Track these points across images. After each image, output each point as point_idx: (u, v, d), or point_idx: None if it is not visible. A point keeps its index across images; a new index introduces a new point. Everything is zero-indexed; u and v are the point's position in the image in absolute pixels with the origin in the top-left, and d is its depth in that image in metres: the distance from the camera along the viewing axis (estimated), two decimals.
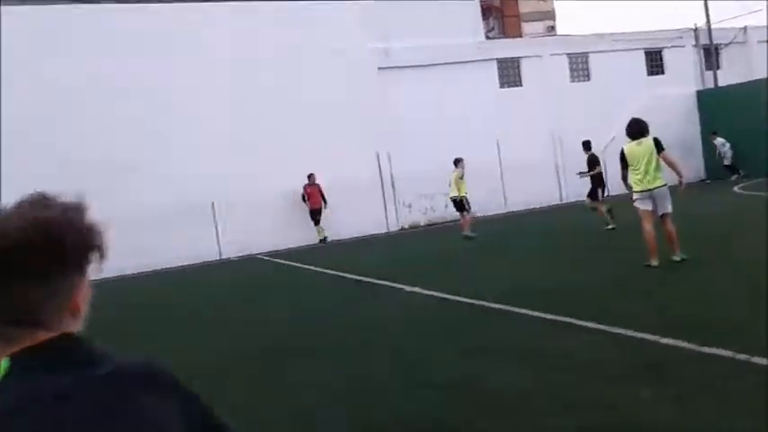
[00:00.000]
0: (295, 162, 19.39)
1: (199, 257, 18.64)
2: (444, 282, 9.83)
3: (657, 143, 8.82)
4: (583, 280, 8.82)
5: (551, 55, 24.14)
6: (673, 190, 8.99)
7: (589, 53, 24.64)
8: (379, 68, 21.48)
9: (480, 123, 21.96)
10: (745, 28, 26.69)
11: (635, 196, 8.97)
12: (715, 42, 25.93)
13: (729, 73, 25.62)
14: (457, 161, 16.22)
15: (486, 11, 28.26)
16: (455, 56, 22.37)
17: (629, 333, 5.72)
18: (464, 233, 15.78)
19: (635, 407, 4.19)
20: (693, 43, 26.14)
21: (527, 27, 41.65)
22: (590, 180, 14.55)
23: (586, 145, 14.94)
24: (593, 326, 6.13)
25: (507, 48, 24.51)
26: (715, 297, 6.75)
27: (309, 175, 19.63)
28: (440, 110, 21.55)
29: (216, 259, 18.99)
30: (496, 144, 22.54)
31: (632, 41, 25.04)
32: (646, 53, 25.44)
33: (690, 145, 24.43)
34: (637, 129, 9.02)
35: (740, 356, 4.72)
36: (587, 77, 24.69)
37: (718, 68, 26.04)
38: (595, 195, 14.43)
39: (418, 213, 21.64)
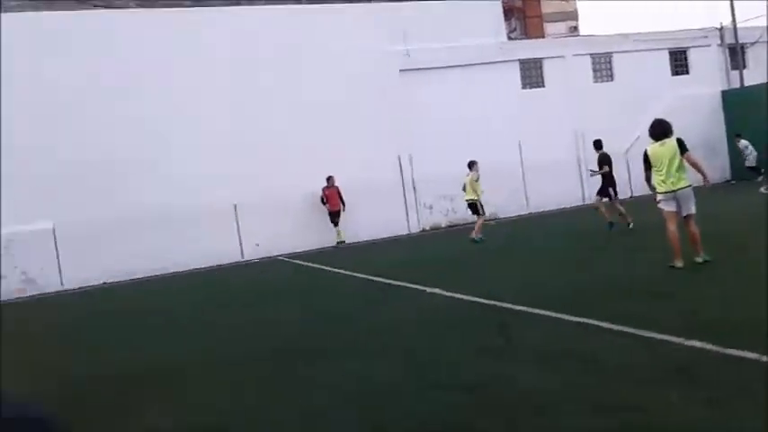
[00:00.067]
0: (317, 164, 19.43)
1: (221, 259, 18.76)
2: (465, 283, 9.78)
3: (681, 144, 8.71)
4: (606, 281, 8.73)
5: (574, 55, 23.95)
6: (697, 191, 8.87)
7: (613, 53, 24.41)
8: (400, 70, 21.47)
9: (502, 124, 21.86)
10: None
11: (658, 197, 8.87)
12: (741, 42, 25.55)
13: (755, 72, 25.21)
14: (471, 164, 16.05)
15: (508, 12, 28.10)
16: (477, 57, 22.28)
17: (653, 335, 5.64)
18: (471, 236, 15.58)
19: (661, 409, 4.13)
20: (719, 42, 25.79)
21: (549, 27, 41.39)
22: (601, 179, 14.41)
23: (597, 144, 14.78)
24: (617, 328, 6.06)
25: (530, 48, 24.35)
26: (740, 299, 6.64)
27: (328, 178, 19.66)
28: (461, 111, 21.47)
29: (238, 261, 19.09)
30: (518, 145, 22.44)
31: (656, 41, 24.76)
32: (670, 53, 25.15)
33: (714, 145, 24.12)
34: (660, 129, 8.92)
35: (766, 359, 4.63)
36: (611, 78, 24.46)
37: (743, 68, 25.69)
38: (606, 194, 14.29)
39: (439, 215, 21.58)
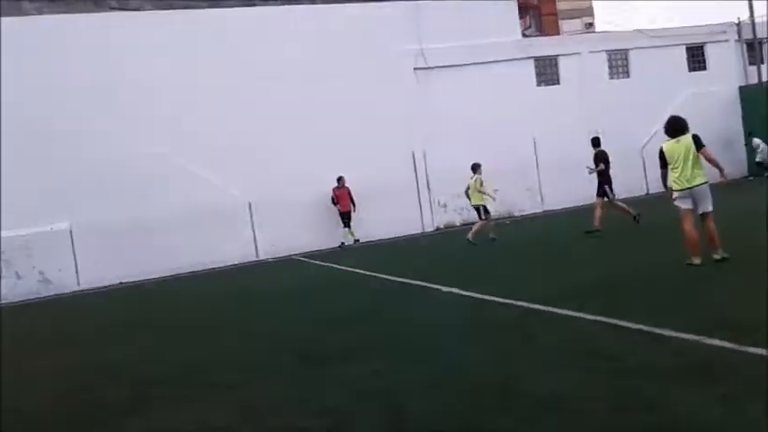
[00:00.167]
0: (331, 163, 19.47)
1: (236, 259, 18.84)
2: (481, 282, 9.75)
3: (697, 140, 8.62)
4: (624, 280, 8.66)
5: (590, 52, 23.82)
6: (714, 188, 8.78)
7: (629, 50, 24.25)
8: (415, 69, 21.46)
9: (517, 122, 21.79)
10: None
11: (674, 195, 8.79)
12: (759, 37, 25.27)
13: None
14: (475, 166, 15.85)
15: (523, 9, 27.98)
16: (491, 55, 22.23)
17: (673, 333, 5.59)
18: (468, 236, 15.42)
19: (683, 408, 4.11)
20: (736, 38, 25.53)
21: (565, 24, 41.24)
22: (597, 177, 14.18)
23: (595, 141, 14.45)
24: (636, 326, 6.01)
25: (545, 46, 24.25)
26: (759, 296, 6.57)
27: (339, 178, 19.65)
28: (476, 109, 21.41)
29: (252, 260, 19.16)
30: (533, 143, 22.36)
31: (673, 37, 24.55)
32: (687, 49, 24.93)
33: (732, 142, 23.90)
34: (676, 126, 8.84)
35: None
36: (627, 74, 24.30)
37: (761, 63, 25.40)
38: (603, 193, 14.08)
39: (453, 213, 21.54)
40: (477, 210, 16.11)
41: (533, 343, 6.20)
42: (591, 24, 48.54)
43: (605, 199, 14.13)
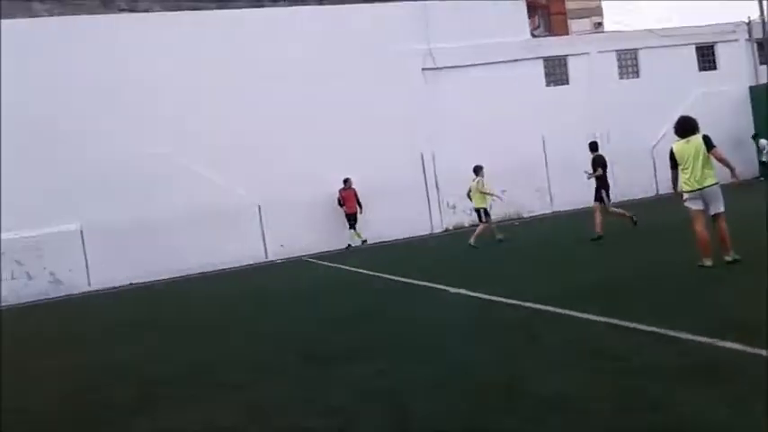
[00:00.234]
0: (338, 163, 19.48)
1: (245, 259, 18.87)
2: (488, 283, 9.73)
3: (707, 141, 8.55)
4: (633, 281, 8.62)
5: (599, 52, 23.73)
6: (726, 188, 8.71)
7: (638, 49, 24.13)
8: (423, 69, 21.44)
9: (526, 122, 21.72)
10: None
11: (685, 196, 8.73)
12: None
13: None
14: (477, 169, 15.75)
15: (531, 9, 27.86)
16: (500, 55, 22.17)
17: (682, 335, 5.56)
18: (470, 241, 15.27)
19: (689, 408, 4.08)
20: (747, 37, 25.37)
21: (574, 24, 41.06)
22: (594, 182, 13.97)
23: (593, 146, 14.15)
24: (645, 327, 5.97)
25: (554, 46, 24.17)
26: None
27: (345, 180, 19.66)
28: (485, 109, 21.35)
29: (261, 261, 19.19)
30: (542, 143, 22.29)
31: (683, 36, 24.42)
32: (697, 48, 24.79)
33: (743, 142, 23.74)
34: (686, 126, 8.77)
35: None
36: (636, 74, 24.19)
37: None
38: (601, 198, 13.93)
39: (462, 214, 21.46)
40: (477, 212, 16.00)
41: (539, 343, 6.19)
42: (600, 24, 48.39)
43: (600, 203, 13.97)
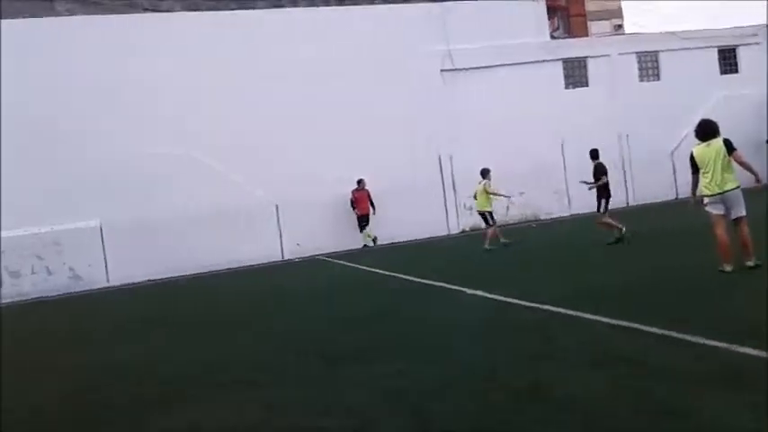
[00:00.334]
0: (357, 164, 19.51)
1: (262, 258, 18.94)
2: (506, 285, 9.68)
3: (728, 144, 8.46)
4: (652, 285, 8.54)
5: (619, 54, 23.58)
6: (747, 193, 8.61)
7: (659, 52, 23.96)
8: (442, 70, 21.41)
9: (545, 124, 21.63)
10: None
11: (705, 200, 8.64)
12: None
13: None
14: (485, 172, 15.67)
15: (551, 10, 27.74)
16: (519, 56, 22.10)
17: (702, 340, 5.50)
18: (485, 245, 15.21)
19: (710, 414, 4.04)
20: None
21: (593, 26, 40.78)
22: (596, 190, 13.85)
23: (594, 154, 14.02)
24: (664, 332, 5.91)
25: (573, 47, 24.06)
26: None
27: (359, 181, 19.67)
28: (503, 111, 21.29)
29: (278, 260, 19.26)
30: (561, 145, 22.16)
31: (704, 39, 24.21)
32: (719, 51, 24.56)
33: (764, 146, 23.44)
34: (707, 130, 8.68)
35: None
36: (657, 77, 24.01)
37: None
38: (599, 207, 13.77)
39: (479, 216, 21.38)
40: (483, 216, 15.86)
41: (555, 345, 6.14)
42: (620, 26, 47.98)
43: (605, 212, 13.86)
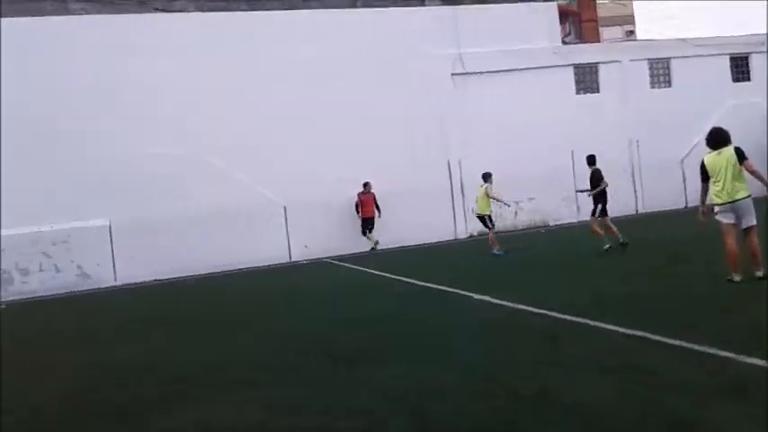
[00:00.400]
0: (365, 167, 19.49)
1: (269, 260, 18.95)
2: (514, 291, 9.65)
3: (739, 152, 8.42)
4: (661, 294, 8.50)
5: (631, 60, 23.49)
6: (758, 202, 8.56)
7: (671, 59, 23.85)
8: (452, 74, 21.39)
9: (555, 130, 21.53)
10: None
11: (716, 209, 8.60)
12: None
13: None
14: (486, 176, 15.59)
15: (562, 15, 27.69)
16: (531, 61, 22.05)
17: (711, 350, 5.47)
18: (494, 250, 15.12)
19: (718, 425, 4.02)
20: None
21: (605, 32, 40.68)
22: (593, 197, 13.77)
23: (590, 159, 13.97)
24: (672, 342, 5.89)
25: (585, 53, 23.97)
26: None
27: (365, 183, 19.66)
28: (514, 116, 21.24)
29: (285, 262, 19.27)
30: (571, 151, 22.07)
31: (716, 46, 24.08)
32: (731, 59, 24.44)
33: None
34: (718, 138, 8.65)
35: None
36: (669, 84, 23.90)
37: None
38: (594, 212, 13.67)
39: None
40: (482, 220, 15.73)
41: (565, 353, 6.13)
42: (632, 32, 47.85)
43: (604, 217, 13.80)
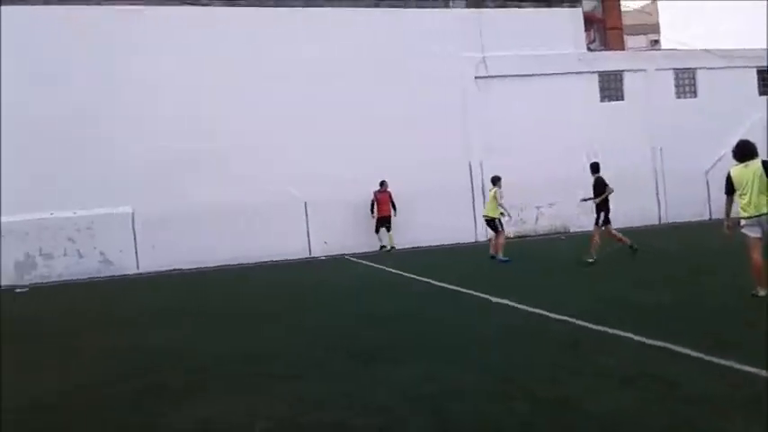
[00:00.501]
0: (386, 166, 19.55)
1: (289, 254, 19.07)
2: (533, 296, 9.63)
3: (766, 166, 8.38)
4: (684, 306, 8.47)
5: (656, 69, 23.38)
6: None
7: (697, 69, 23.71)
8: (476, 77, 21.39)
9: (578, 136, 21.48)
10: None
11: (742, 222, 8.56)
12: None
13: None
14: (495, 179, 15.57)
15: (587, 22, 27.57)
16: (555, 67, 22.00)
17: (734, 365, 5.46)
18: (497, 256, 15.06)
19: None
20: None
21: (629, 40, 40.41)
22: (596, 205, 13.73)
23: (594, 167, 13.93)
24: (695, 354, 5.87)
25: (610, 60, 23.86)
26: None
27: (381, 182, 19.70)
28: (536, 120, 21.23)
29: (305, 257, 19.38)
30: (594, 158, 21.98)
31: (743, 59, 23.89)
32: (758, 71, 24.23)
33: None
34: (745, 150, 8.60)
35: None
36: (694, 94, 23.76)
37: None
38: (597, 220, 13.66)
39: (507, 224, 21.31)
40: (491, 223, 15.59)
41: (584, 360, 6.13)
42: (656, 41, 47.51)
43: (607, 225, 13.74)
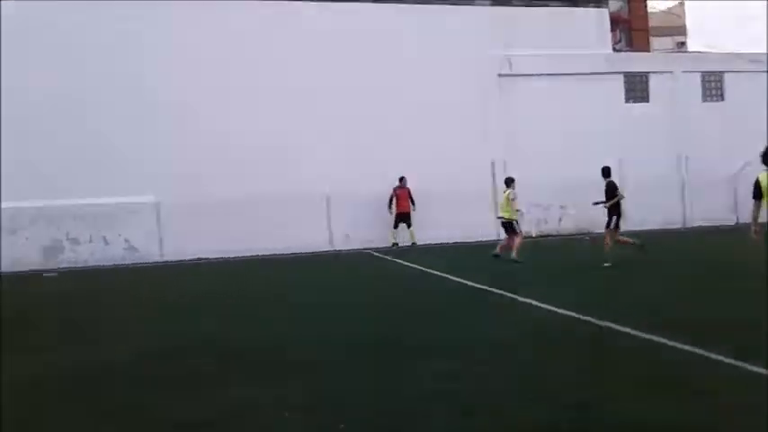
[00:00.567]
0: (409, 162, 19.56)
1: (311, 247, 19.12)
2: (558, 297, 9.51)
3: None
4: (719, 312, 8.33)
5: (683, 72, 23.18)
6: None
7: (724, 72, 23.49)
8: (499, 75, 21.31)
9: (602, 137, 21.32)
10: None
11: None
12: None
13: None
14: (509, 181, 15.48)
15: (613, 23, 27.38)
16: (580, 67, 21.89)
17: (764, 372, 5.41)
18: (512, 256, 14.85)
19: None
20: None
21: (655, 42, 40.07)
22: (607, 209, 13.63)
23: (606, 171, 13.80)
24: (732, 362, 5.78)
25: (635, 61, 23.73)
26: None
27: (401, 178, 19.71)
28: (560, 120, 21.14)
29: (326, 250, 19.43)
30: (618, 160, 21.84)
31: None
32: None
33: None
34: None
35: None
36: (721, 98, 23.54)
37: None
38: (609, 224, 13.57)
39: (530, 224, 21.25)
40: (507, 225, 15.34)
41: (615, 366, 6.07)
42: (683, 44, 47.05)
43: (617, 229, 13.67)
